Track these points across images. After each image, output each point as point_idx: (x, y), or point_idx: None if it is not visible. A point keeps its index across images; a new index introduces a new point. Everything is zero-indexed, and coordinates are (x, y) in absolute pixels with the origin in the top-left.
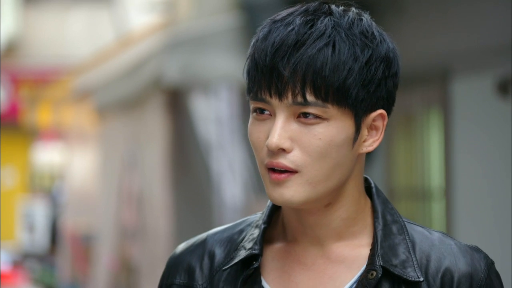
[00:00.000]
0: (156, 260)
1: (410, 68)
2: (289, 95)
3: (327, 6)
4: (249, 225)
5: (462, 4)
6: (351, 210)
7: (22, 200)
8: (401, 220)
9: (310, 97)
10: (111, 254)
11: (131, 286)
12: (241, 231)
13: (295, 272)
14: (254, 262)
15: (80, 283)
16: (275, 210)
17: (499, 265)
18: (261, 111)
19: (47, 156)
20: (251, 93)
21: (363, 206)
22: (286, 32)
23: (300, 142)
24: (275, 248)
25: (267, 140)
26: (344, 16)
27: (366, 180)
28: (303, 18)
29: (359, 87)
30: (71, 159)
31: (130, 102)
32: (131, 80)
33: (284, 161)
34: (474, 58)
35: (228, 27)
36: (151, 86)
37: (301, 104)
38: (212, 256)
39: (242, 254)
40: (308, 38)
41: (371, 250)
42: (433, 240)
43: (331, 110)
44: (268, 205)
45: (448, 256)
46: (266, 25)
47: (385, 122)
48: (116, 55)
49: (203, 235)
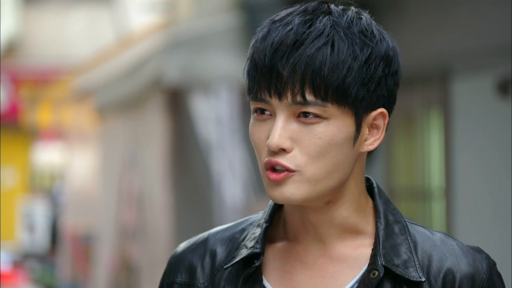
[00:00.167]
0: (156, 260)
1: (410, 68)
2: (289, 95)
3: (326, 6)
4: (251, 224)
5: (462, 4)
6: (352, 209)
7: (22, 200)
8: (403, 220)
9: (310, 97)
10: (111, 254)
11: (131, 286)
12: (243, 230)
13: (297, 271)
14: (256, 261)
15: (80, 283)
16: (277, 210)
17: (499, 265)
18: (262, 112)
19: (47, 156)
20: (251, 94)
21: (364, 206)
22: (285, 32)
23: (300, 142)
24: (277, 247)
25: (268, 140)
26: (343, 15)
27: (368, 180)
28: (302, 18)
29: (359, 86)
30: (71, 159)
31: (130, 102)
32: (131, 80)
33: (284, 161)
34: (474, 58)
35: (228, 27)
36: (151, 86)
37: (301, 104)
38: (214, 255)
39: (244, 253)
40: (307, 38)
41: (373, 250)
42: (435, 241)
43: (331, 109)
44: (270, 205)
45: (450, 257)
46: (265, 26)
47: (386, 121)
48: (116, 55)
49: (205, 234)
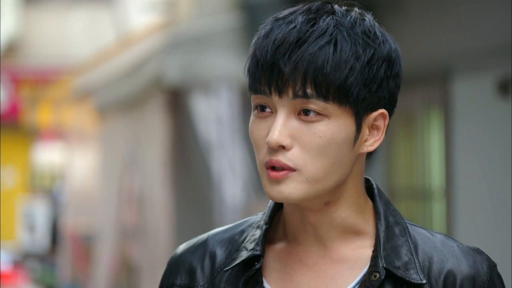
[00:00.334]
0: (157, 260)
1: (411, 68)
2: (290, 91)
3: (330, 6)
4: (250, 226)
5: (463, 4)
6: (351, 210)
7: (23, 200)
8: (403, 222)
9: (311, 92)
10: (112, 254)
11: (132, 286)
12: (242, 232)
13: (297, 273)
14: (256, 263)
15: (81, 283)
16: (276, 211)
17: (500, 265)
18: (262, 109)
19: (48, 156)
20: (252, 89)
21: (363, 207)
22: (288, 30)
23: (300, 140)
24: (277, 249)
25: (268, 137)
26: (347, 16)
27: (368, 181)
28: (305, 16)
29: (361, 86)
30: (72, 159)
31: (131, 102)
32: (132, 80)
33: (283, 159)
34: (475, 58)
35: (229, 27)
36: (152, 86)
37: (302, 97)
38: (213, 257)
39: (244, 255)
40: (310, 36)
41: (374, 252)
42: (435, 242)
43: (332, 107)
44: (269, 206)
45: (451, 258)
46: (268, 23)
47: (387, 122)
48: (117, 55)
49: (204, 236)
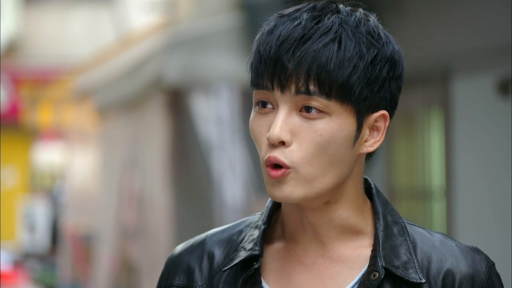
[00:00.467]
0: (157, 260)
1: (411, 68)
2: (292, 87)
3: (335, 5)
4: (248, 226)
5: (463, 4)
6: (351, 210)
7: (23, 200)
8: (402, 221)
9: (314, 89)
10: (112, 254)
11: (132, 286)
12: (240, 232)
13: (295, 272)
14: (255, 263)
15: (81, 283)
16: (274, 211)
17: (500, 265)
18: (264, 105)
19: (48, 156)
20: (254, 84)
21: (363, 207)
22: (293, 26)
23: (300, 137)
24: (275, 249)
25: (268, 132)
26: (352, 15)
27: (366, 181)
28: (311, 14)
29: (363, 85)
30: (72, 159)
31: (131, 102)
32: (132, 80)
33: (280, 156)
34: (475, 58)
35: (229, 27)
36: (152, 86)
37: (304, 94)
38: (212, 257)
39: (242, 255)
40: (315, 33)
41: (373, 251)
42: (434, 242)
43: (334, 105)
44: (268, 206)
45: (450, 258)
46: (272, 20)
47: (387, 124)
48: (117, 55)
49: (202, 236)
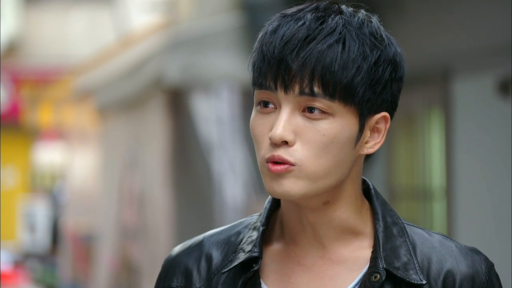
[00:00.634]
0: (157, 260)
1: (411, 68)
2: (296, 88)
3: (337, 6)
4: (246, 227)
5: (463, 4)
6: (350, 210)
7: (23, 200)
8: (401, 222)
9: (318, 90)
10: (112, 254)
11: (132, 286)
12: (238, 233)
13: (295, 274)
14: (254, 265)
15: (81, 283)
16: (273, 212)
17: (500, 265)
18: (265, 104)
19: (48, 156)
20: (256, 84)
21: (361, 208)
22: (297, 27)
23: (303, 137)
24: (274, 250)
25: (271, 132)
26: (355, 16)
27: (364, 182)
28: (315, 14)
29: (366, 87)
30: (72, 159)
31: (131, 102)
32: (132, 80)
33: (285, 155)
34: (475, 58)
35: (229, 27)
36: (152, 86)
37: (308, 95)
38: (210, 259)
39: (242, 257)
40: (319, 34)
41: (373, 252)
42: (433, 242)
43: (337, 106)
44: (266, 207)
45: (449, 259)
46: (275, 20)
47: (388, 125)
48: (117, 55)
49: (200, 237)
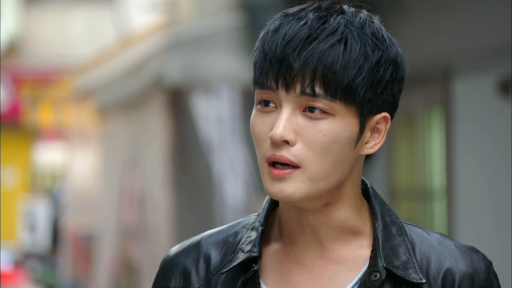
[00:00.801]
0: (157, 260)
1: (411, 68)
2: (298, 87)
3: (339, 6)
4: (244, 227)
5: (463, 4)
6: (350, 211)
7: (24, 200)
8: (399, 221)
9: (319, 91)
10: (112, 254)
11: (132, 286)
12: (236, 233)
13: (294, 273)
14: (254, 265)
15: (82, 283)
16: (271, 211)
17: (500, 265)
18: (266, 103)
19: (49, 156)
20: (257, 83)
21: (360, 208)
22: (299, 26)
23: (304, 136)
24: (273, 250)
25: (271, 131)
26: (356, 16)
27: (363, 182)
28: (317, 14)
29: (367, 87)
30: (72, 159)
31: (132, 102)
32: (133, 80)
33: (287, 155)
34: (475, 58)
35: (230, 27)
36: (153, 86)
37: (310, 95)
38: (208, 259)
39: (241, 257)
40: (321, 33)
41: (373, 252)
42: (432, 241)
43: (338, 106)
44: (264, 207)
45: (448, 257)
46: (277, 19)
47: (388, 126)
48: (118, 55)
49: (197, 237)
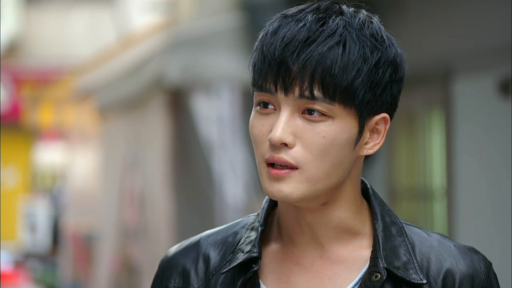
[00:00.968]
0: (158, 260)
1: (412, 68)
2: (296, 90)
3: (338, 6)
4: (243, 228)
5: (463, 5)
6: (349, 211)
7: (24, 200)
8: (399, 222)
9: (318, 93)
10: (113, 254)
11: (133, 286)
12: (235, 234)
13: (294, 274)
14: (254, 265)
15: (82, 283)
16: (270, 211)
17: (500, 265)
18: (265, 105)
19: (49, 156)
20: (256, 85)
21: (360, 208)
22: (297, 28)
23: (303, 139)
24: (272, 250)
25: (270, 134)
26: (355, 17)
27: (362, 182)
28: (315, 15)
29: (366, 89)
30: (73, 159)
31: (132, 102)
32: (133, 80)
33: (286, 157)
34: (476, 58)
35: (230, 27)
36: (153, 86)
37: (308, 98)
38: (207, 259)
39: (241, 257)
40: (320, 36)
41: (373, 252)
42: (432, 242)
43: (337, 109)
44: (263, 207)
45: (449, 258)
46: (276, 20)
47: (387, 126)
48: (118, 55)
49: (196, 237)
